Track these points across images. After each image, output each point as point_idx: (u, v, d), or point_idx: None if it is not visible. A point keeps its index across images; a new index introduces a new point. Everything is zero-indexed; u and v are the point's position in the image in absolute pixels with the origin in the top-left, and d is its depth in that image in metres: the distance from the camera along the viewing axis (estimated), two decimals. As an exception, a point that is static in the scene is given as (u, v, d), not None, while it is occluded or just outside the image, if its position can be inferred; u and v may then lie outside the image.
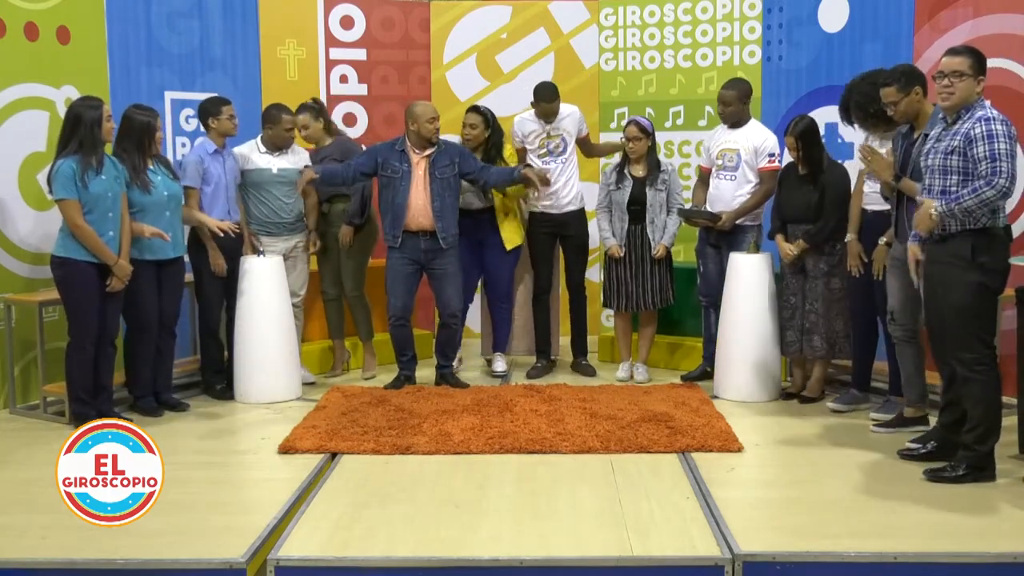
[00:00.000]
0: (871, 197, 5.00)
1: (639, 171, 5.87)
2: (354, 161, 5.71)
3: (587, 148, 6.31)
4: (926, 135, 4.28)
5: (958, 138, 3.97)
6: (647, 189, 5.81)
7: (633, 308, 5.94)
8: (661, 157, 6.10)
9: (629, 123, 5.86)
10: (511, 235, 6.04)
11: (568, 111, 6.11)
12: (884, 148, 4.78)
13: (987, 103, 4.03)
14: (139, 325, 5.15)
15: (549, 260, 6.20)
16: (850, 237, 5.09)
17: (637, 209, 5.83)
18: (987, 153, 3.89)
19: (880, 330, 5.11)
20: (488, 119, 5.98)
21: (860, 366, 5.28)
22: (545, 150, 6.06)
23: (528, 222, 6.16)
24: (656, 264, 5.86)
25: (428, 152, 5.65)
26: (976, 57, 4.02)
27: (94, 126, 4.75)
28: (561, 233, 6.11)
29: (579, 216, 6.14)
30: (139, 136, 5.05)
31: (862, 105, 4.82)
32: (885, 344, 5.06)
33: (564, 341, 6.47)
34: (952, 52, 4.10)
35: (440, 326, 5.92)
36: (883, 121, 4.77)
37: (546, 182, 5.79)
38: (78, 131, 4.75)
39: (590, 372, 6.18)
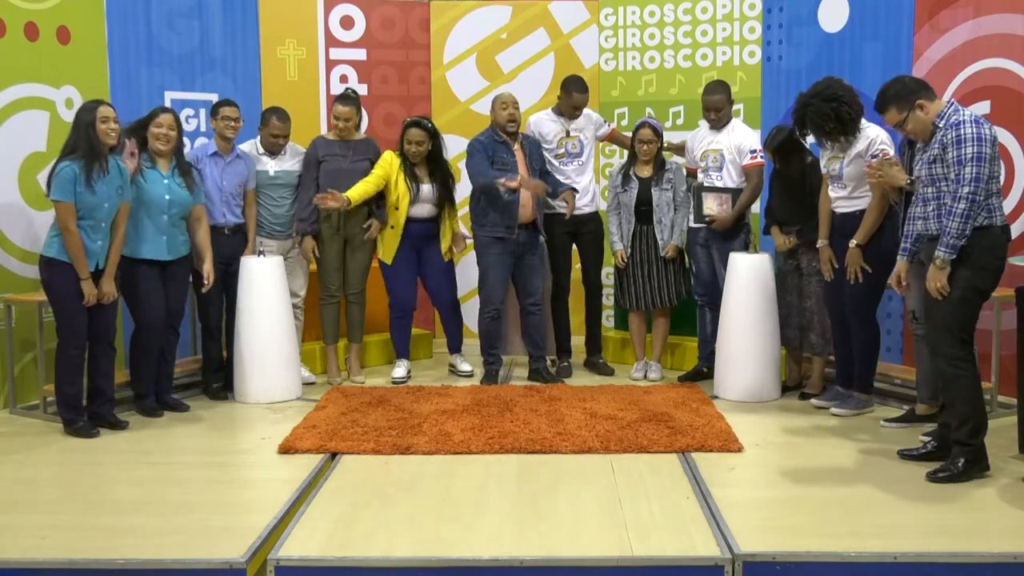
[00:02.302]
0: (839, 202, 5.06)
1: (645, 172, 5.89)
2: (479, 167, 5.75)
3: (622, 142, 6.33)
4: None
5: (936, 147, 4.07)
6: (653, 189, 5.83)
7: (648, 306, 5.96)
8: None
9: (643, 125, 5.88)
10: (450, 247, 6.15)
11: (587, 112, 6.21)
12: (846, 160, 4.93)
13: (957, 104, 4.08)
14: (146, 324, 5.13)
15: (567, 261, 6.24)
16: (821, 243, 5.13)
17: (645, 209, 5.85)
18: (955, 158, 3.98)
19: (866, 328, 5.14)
20: (430, 131, 5.97)
21: (842, 364, 5.31)
22: (563, 151, 6.11)
23: (544, 223, 6.19)
24: (667, 262, 5.89)
25: (519, 143, 5.82)
26: (892, 98, 4.14)
27: (88, 129, 4.73)
28: (577, 232, 6.15)
29: (595, 216, 6.19)
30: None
31: (819, 124, 4.83)
32: (845, 339, 5.18)
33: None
34: (878, 110, 4.26)
35: (524, 315, 6.05)
36: (840, 135, 4.86)
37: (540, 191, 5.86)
38: (76, 135, 4.74)
39: (608, 371, 6.20)
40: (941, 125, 4.06)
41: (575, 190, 5.95)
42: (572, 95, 6.04)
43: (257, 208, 5.76)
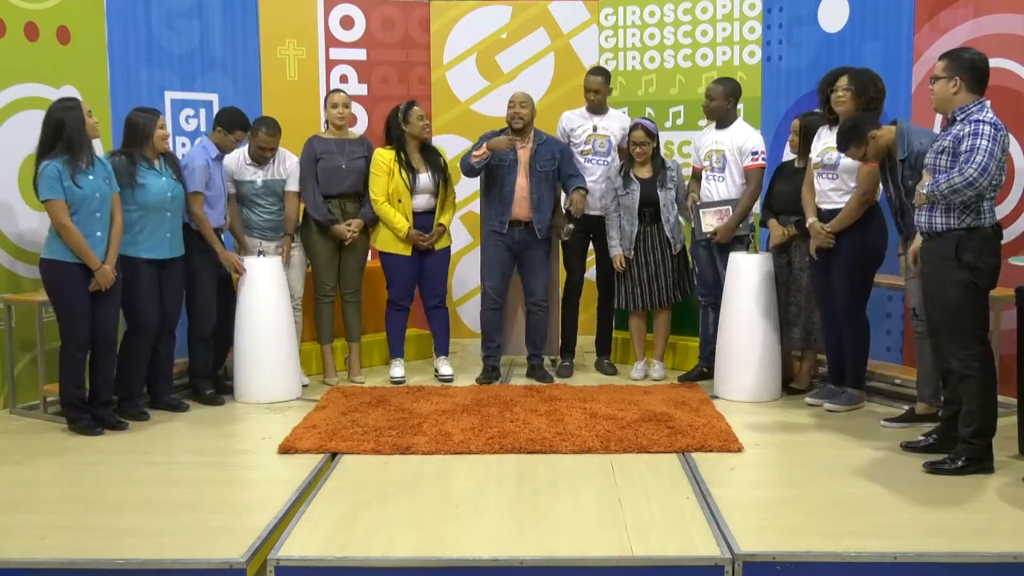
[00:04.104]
0: (823, 196, 5.11)
1: (645, 173, 5.88)
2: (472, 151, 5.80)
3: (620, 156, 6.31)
4: (901, 160, 4.50)
5: (949, 139, 4.07)
6: (658, 190, 5.83)
7: (650, 306, 5.96)
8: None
9: (635, 127, 5.86)
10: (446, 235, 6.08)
11: (617, 114, 6.20)
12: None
13: (987, 107, 4.08)
14: (137, 326, 5.11)
15: (582, 260, 6.25)
16: (811, 220, 5.14)
17: (649, 211, 5.86)
18: (968, 147, 3.99)
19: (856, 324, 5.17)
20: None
21: (832, 361, 5.35)
22: (590, 147, 6.10)
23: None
24: (671, 261, 5.89)
25: (528, 143, 5.81)
26: (953, 59, 4.12)
27: (77, 125, 4.71)
28: (595, 232, 6.14)
29: None
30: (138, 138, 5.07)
31: (872, 80, 4.94)
32: (836, 337, 5.23)
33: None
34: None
35: (527, 314, 6.07)
36: (877, 102, 4.96)
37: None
38: (63, 134, 4.70)
39: (612, 371, 6.20)
40: (960, 118, 4.07)
41: (584, 190, 5.89)
42: (587, 78, 6.07)
43: (248, 214, 5.71)
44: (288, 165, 5.77)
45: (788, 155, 5.80)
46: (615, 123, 6.16)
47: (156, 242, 5.10)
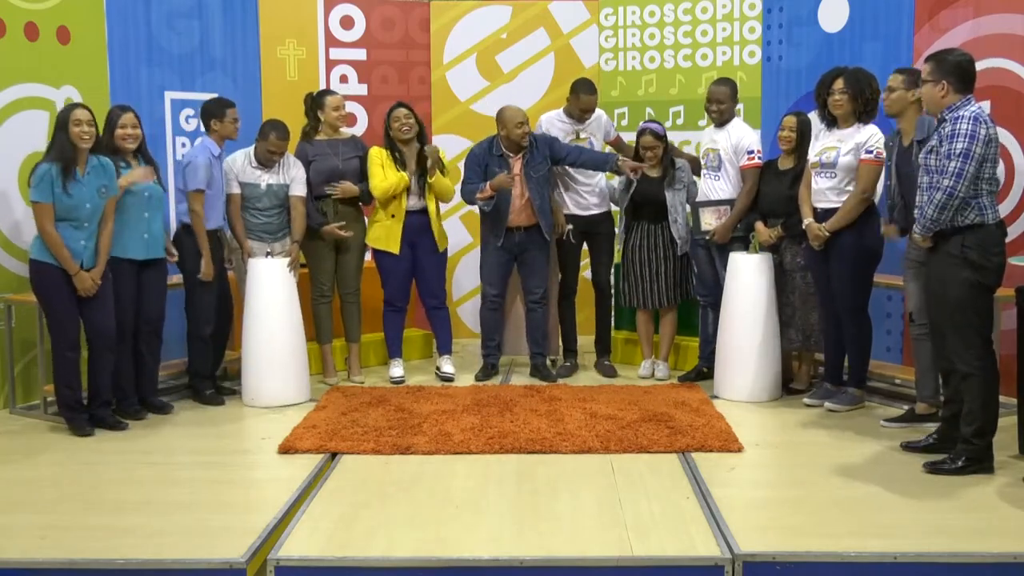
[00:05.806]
0: (820, 195, 5.11)
1: (654, 172, 5.89)
2: (469, 183, 5.87)
3: (622, 149, 6.30)
4: (917, 142, 4.49)
5: (935, 138, 4.12)
6: (666, 191, 5.84)
7: (653, 304, 5.97)
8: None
9: (643, 132, 5.86)
10: (442, 236, 6.06)
11: (596, 113, 6.16)
12: (846, 143, 5.02)
13: (971, 103, 4.09)
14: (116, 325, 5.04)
15: (576, 261, 6.24)
16: (807, 222, 5.15)
17: (652, 209, 5.87)
18: (946, 153, 4.03)
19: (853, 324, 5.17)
20: (414, 112, 5.94)
21: (830, 361, 5.36)
22: None
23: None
24: (674, 261, 5.90)
25: (521, 153, 5.81)
26: (938, 63, 4.14)
27: (62, 132, 4.71)
28: (588, 233, 6.14)
29: (606, 217, 6.18)
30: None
31: (867, 82, 4.95)
32: (835, 336, 5.25)
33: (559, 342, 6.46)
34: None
35: (527, 312, 6.11)
36: (872, 105, 4.96)
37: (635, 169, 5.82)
38: (55, 137, 4.74)
39: (611, 373, 6.18)
40: (947, 117, 4.09)
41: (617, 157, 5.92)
42: (580, 97, 5.99)
43: (247, 217, 5.67)
44: (293, 171, 5.72)
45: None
46: (595, 123, 6.12)
47: (134, 243, 5.04)
